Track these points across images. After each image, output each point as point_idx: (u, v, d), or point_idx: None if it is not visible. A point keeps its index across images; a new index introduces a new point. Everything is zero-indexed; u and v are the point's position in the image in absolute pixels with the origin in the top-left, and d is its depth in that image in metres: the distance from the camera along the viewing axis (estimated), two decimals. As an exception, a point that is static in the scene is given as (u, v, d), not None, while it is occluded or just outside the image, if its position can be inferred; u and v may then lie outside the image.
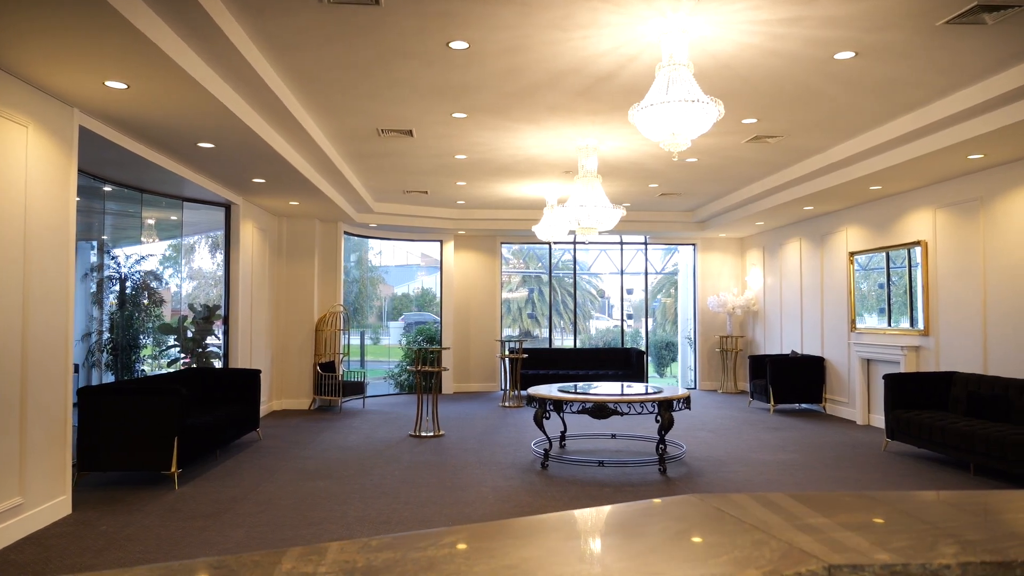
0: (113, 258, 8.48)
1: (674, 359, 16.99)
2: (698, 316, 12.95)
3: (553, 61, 4.85)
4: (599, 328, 21.15)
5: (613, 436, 7.67)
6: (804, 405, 10.32)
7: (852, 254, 9.29)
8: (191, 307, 8.78)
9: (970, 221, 7.23)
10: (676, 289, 15.53)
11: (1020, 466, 5.51)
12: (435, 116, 6.15)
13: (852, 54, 4.69)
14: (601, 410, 6.19)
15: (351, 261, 16.54)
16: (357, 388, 10.43)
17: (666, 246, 13.70)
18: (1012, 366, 6.65)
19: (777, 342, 11.39)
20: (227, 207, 8.58)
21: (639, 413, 6.23)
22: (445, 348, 8.29)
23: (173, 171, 6.64)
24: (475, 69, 4.99)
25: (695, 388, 13.03)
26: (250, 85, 4.88)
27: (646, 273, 13.43)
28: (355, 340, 15.72)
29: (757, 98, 5.61)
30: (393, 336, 15.63)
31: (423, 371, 8.05)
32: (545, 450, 6.55)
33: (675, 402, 6.36)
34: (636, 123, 4.18)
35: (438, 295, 12.72)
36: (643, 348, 13.41)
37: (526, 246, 15.11)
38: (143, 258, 8.92)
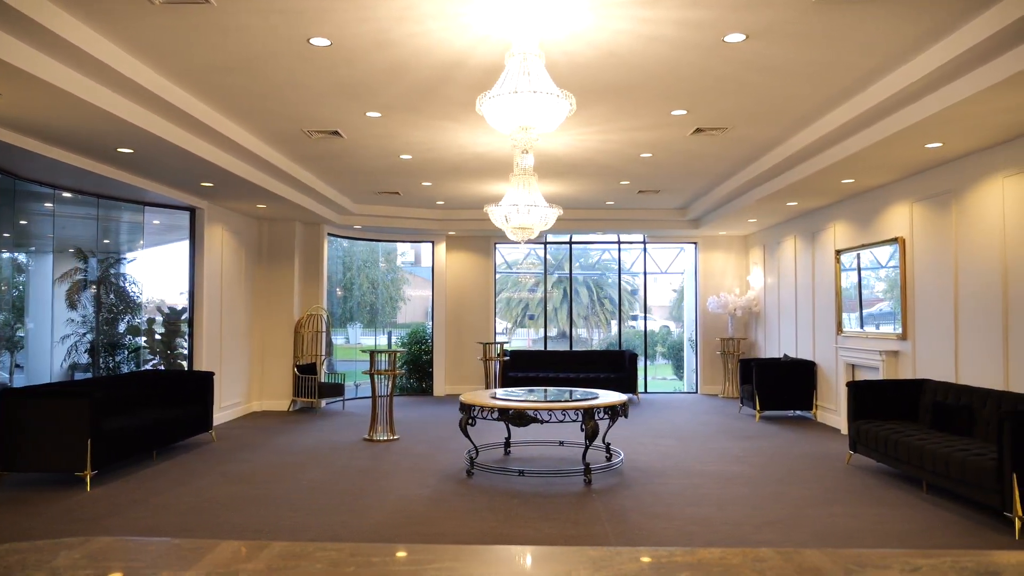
0: (85, 262, 8.73)
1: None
2: (699, 317, 12.45)
3: (428, 55, 4.65)
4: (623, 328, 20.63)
5: (561, 443, 7.38)
6: (798, 412, 9.76)
7: (839, 252, 8.71)
8: (159, 309, 8.94)
9: (943, 216, 6.65)
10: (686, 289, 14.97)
11: (964, 486, 4.99)
12: (349, 116, 6.03)
13: (743, 36, 4.32)
14: (520, 417, 5.94)
15: (380, 264, 16.71)
16: (336, 390, 10.43)
17: (670, 245, 13.20)
18: (982, 374, 6.06)
19: (776, 345, 10.81)
20: (191, 211, 8.69)
21: (560, 421, 5.96)
22: (399, 350, 8.16)
23: (115, 177, 6.77)
24: (357, 66, 4.84)
25: (696, 392, 12.53)
26: (127, 89, 4.86)
27: (644, 273, 13.00)
28: (382, 341, 15.85)
29: (662, 87, 5.26)
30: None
31: (375, 373, 7.95)
32: (471, 458, 6.35)
33: (602, 410, 6.06)
34: (484, 114, 3.95)
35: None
36: (643, 350, 13.00)
37: (559, 246, 14.76)
38: (119, 262, 9.16)
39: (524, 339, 21.93)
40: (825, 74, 4.99)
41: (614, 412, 6.37)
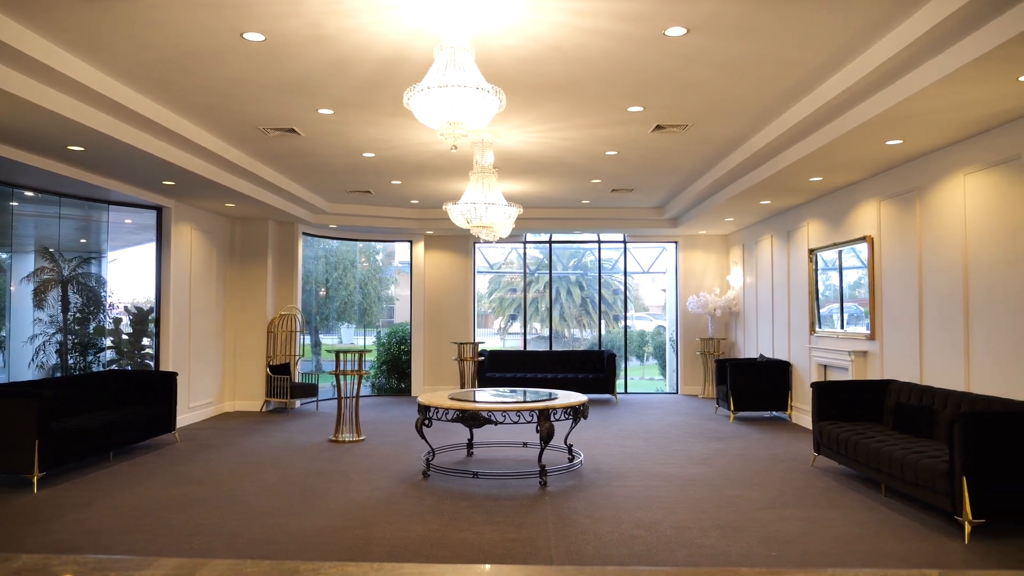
0: (53, 261, 8.66)
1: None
2: (679, 317, 12.34)
3: (367, 50, 4.57)
4: (609, 329, 20.57)
5: (524, 445, 7.30)
6: (775, 413, 9.66)
7: (812, 251, 8.61)
8: (126, 309, 8.87)
9: (908, 214, 6.55)
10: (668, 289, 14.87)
11: (920, 489, 4.89)
12: (301, 113, 5.95)
13: (683, 30, 4.23)
14: (474, 419, 5.85)
15: (360, 263, 16.62)
16: (310, 391, 10.35)
17: (651, 244, 13.10)
18: (945, 374, 5.97)
19: (755, 345, 10.71)
20: (158, 210, 8.62)
21: (515, 423, 5.87)
22: (367, 350, 8.08)
23: (74, 176, 6.71)
24: (295, 61, 4.76)
25: (676, 392, 12.43)
26: (65, 85, 4.78)
27: (625, 272, 12.90)
28: (373, 341, 15.75)
29: (611, 82, 5.16)
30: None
31: (340, 373, 7.87)
32: (427, 459, 6.26)
33: (560, 411, 5.97)
34: (412, 109, 3.87)
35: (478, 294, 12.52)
36: (623, 350, 12.91)
37: (539, 245, 14.70)
38: (87, 261, 9.09)
39: (518, 339, 21.91)
40: (775, 70, 4.90)
41: (576, 413, 6.30)
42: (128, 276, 9.21)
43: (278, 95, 5.49)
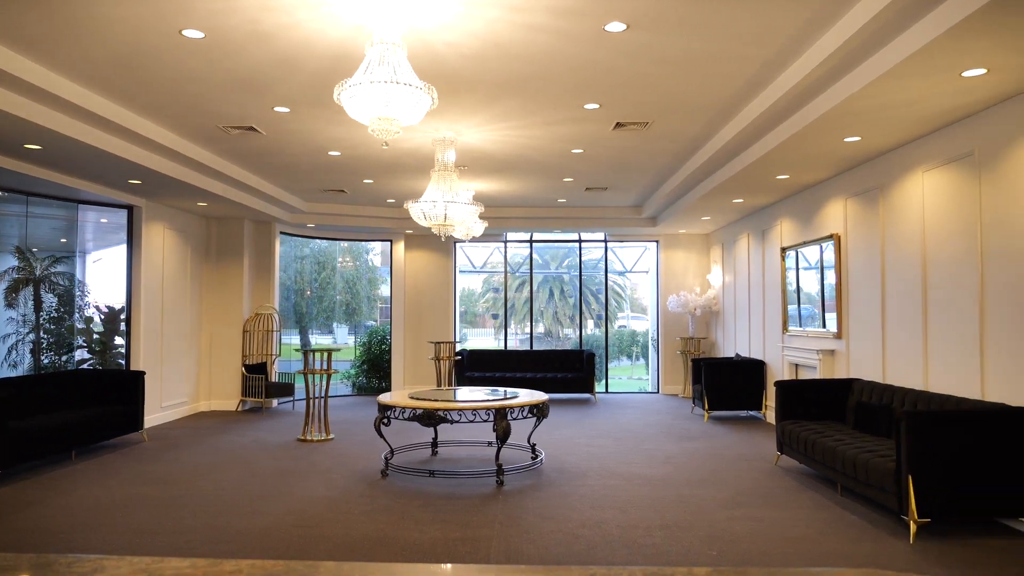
0: (25, 260, 8.66)
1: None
2: (660, 316, 12.31)
3: (309, 47, 4.55)
4: (596, 329, 20.53)
5: (489, 444, 7.26)
6: (752, 412, 9.62)
7: (784, 249, 8.57)
8: (96, 308, 8.86)
9: (872, 212, 6.51)
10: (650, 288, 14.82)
11: (871, 488, 4.86)
12: (258, 111, 5.93)
13: (623, 26, 4.20)
14: (430, 418, 5.83)
15: (366, 263, 16.58)
16: (286, 390, 10.33)
17: (632, 244, 13.06)
18: (906, 373, 5.93)
19: (733, 344, 10.68)
20: (129, 209, 8.61)
21: (471, 421, 5.85)
22: (336, 349, 8.05)
23: (39, 176, 6.70)
24: (239, 59, 4.74)
25: (657, 392, 12.39)
26: (12, 83, 4.77)
27: (606, 272, 12.87)
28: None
29: (561, 79, 5.13)
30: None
31: (308, 373, 7.85)
32: (386, 459, 6.24)
33: (515, 410, 5.94)
34: (343, 104, 3.85)
35: (474, 294, 12.51)
36: (604, 350, 12.88)
37: (542, 243, 14.65)
38: (59, 260, 9.09)
39: (512, 339, 21.90)
40: (723, 66, 4.87)
41: (537, 411, 6.27)
42: (110, 276, 9.20)
43: (231, 93, 5.48)
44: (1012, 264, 4.64)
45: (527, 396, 6.34)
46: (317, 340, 15.70)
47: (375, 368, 12.60)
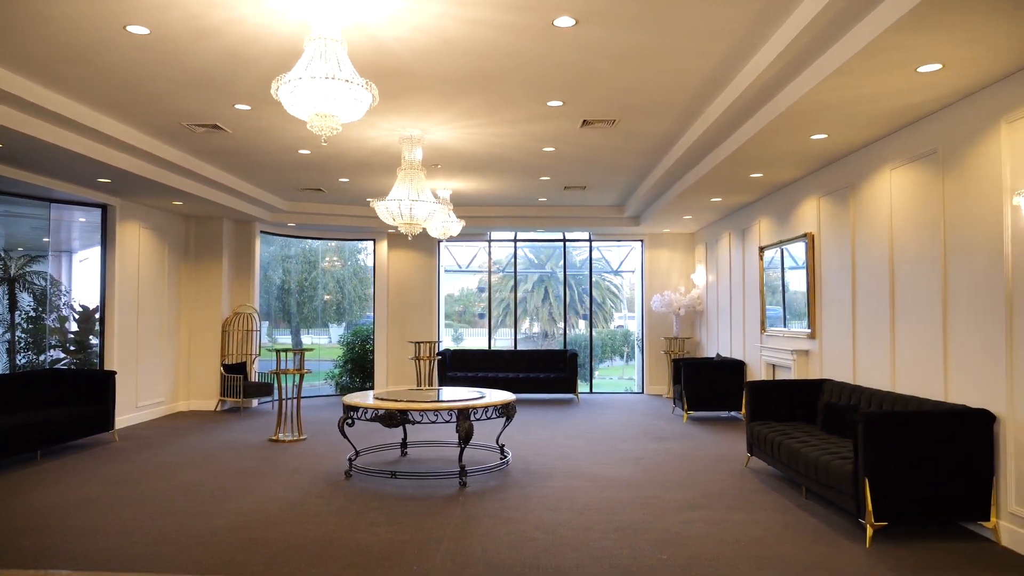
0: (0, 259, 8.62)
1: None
2: (645, 316, 12.23)
3: (258, 43, 4.49)
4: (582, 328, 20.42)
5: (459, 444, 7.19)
6: (733, 413, 9.54)
7: (762, 249, 8.49)
8: (71, 307, 8.82)
9: (843, 211, 6.44)
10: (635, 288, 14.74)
11: (831, 491, 4.78)
12: (218, 108, 5.87)
13: (572, 20, 4.13)
14: (390, 418, 5.77)
15: (356, 262, 16.52)
16: (264, 390, 10.28)
17: (617, 243, 12.98)
18: (874, 373, 5.85)
19: (716, 344, 10.60)
20: (103, 208, 8.56)
21: (433, 422, 5.78)
22: (308, 349, 7.99)
23: (7, 175, 6.66)
24: (188, 56, 4.68)
25: (642, 392, 12.31)
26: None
27: (590, 271, 12.79)
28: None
29: (515, 75, 5.06)
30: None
31: (280, 373, 7.79)
32: (350, 460, 6.19)
33: (479, 411, 5.88)
34: (281, 100, 3.79)
35: (480, 295, 12.45)
36: (588, 349, 12.81)
37: (529, 243, 14.58)
38: (34, 260, 9.04)
39: (508, 338, 21.88)
40: (680, 62, 4.79)
41: (505, 411, 6.22)
42: (85, 275, 9.16)
43: (188, 90, 5.42)
44: (972, 263, 4.56)
45: (493, 396, 6.27)
46: (314, 340, 15.66)
47: (359, 368, 12.54)
